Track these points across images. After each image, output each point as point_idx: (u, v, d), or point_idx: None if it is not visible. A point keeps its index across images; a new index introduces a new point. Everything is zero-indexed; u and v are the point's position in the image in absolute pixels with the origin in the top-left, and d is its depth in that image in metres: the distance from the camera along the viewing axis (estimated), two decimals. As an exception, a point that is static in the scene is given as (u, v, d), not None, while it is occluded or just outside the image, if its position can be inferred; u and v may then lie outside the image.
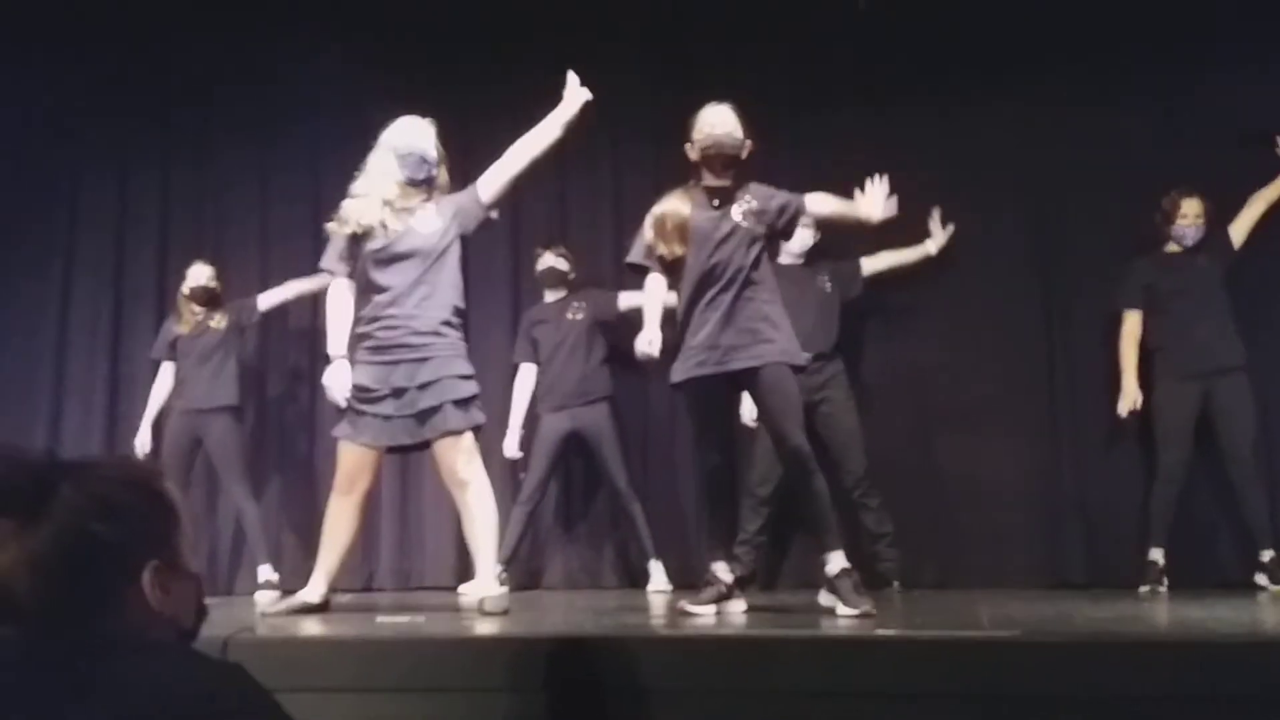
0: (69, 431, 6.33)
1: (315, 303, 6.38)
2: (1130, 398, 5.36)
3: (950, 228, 5.78)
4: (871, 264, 5.77)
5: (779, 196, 4.10)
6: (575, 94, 4.24)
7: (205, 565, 5.96)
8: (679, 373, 4.03)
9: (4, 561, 1.33)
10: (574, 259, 6.01)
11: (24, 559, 1.33)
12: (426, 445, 4.20)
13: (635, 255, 4.19)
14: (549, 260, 5.95)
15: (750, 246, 4.00)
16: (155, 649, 1.36)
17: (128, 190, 6.57)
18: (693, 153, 4.09)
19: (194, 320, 6.00)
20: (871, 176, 4.18)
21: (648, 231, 4.12)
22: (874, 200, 4.09)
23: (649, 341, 4.01)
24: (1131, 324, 5.44)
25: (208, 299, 6.03)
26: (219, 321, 6.01)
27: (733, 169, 4.06)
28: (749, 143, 4.08)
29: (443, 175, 4.30)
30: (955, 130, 5.89)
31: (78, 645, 1.32)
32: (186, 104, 6.49)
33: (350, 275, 4.26)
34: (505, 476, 5.98)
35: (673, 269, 4.08)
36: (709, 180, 4.08)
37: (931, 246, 5.78)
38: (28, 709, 1.27)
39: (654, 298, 4.12)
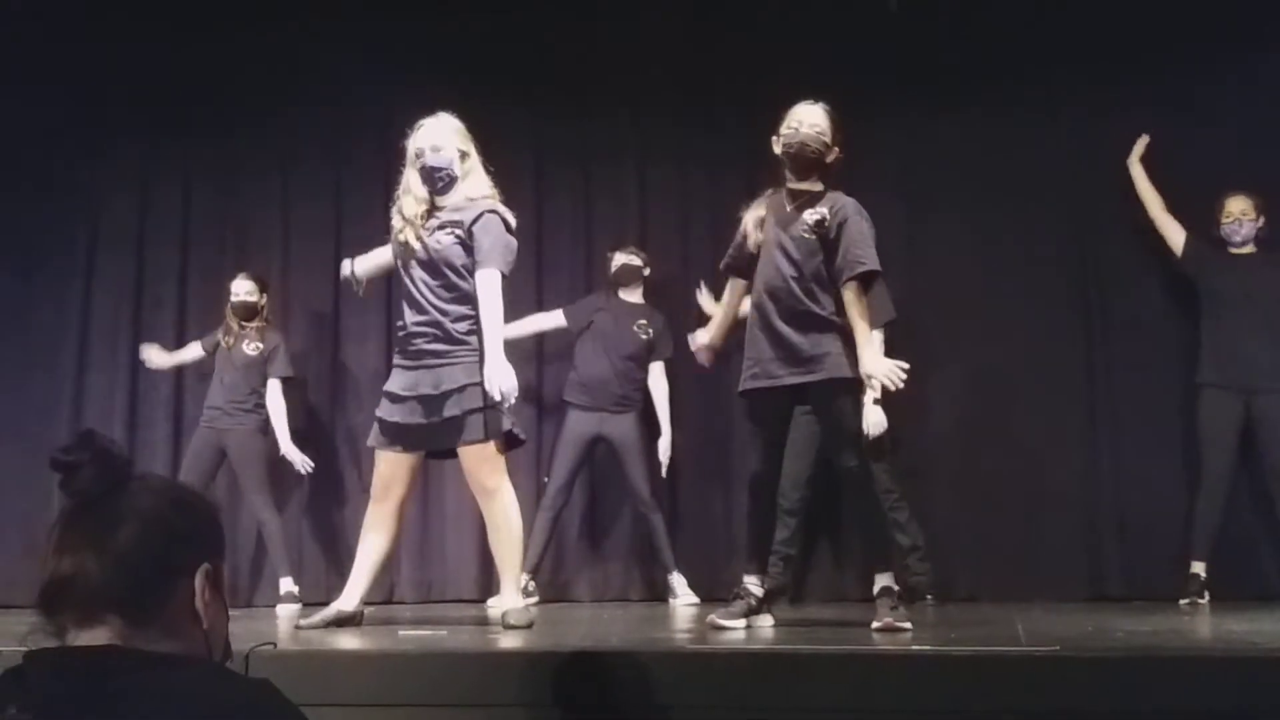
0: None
1: (336, 313, 6.38)
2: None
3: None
4: None
5: (844, 241, 3.85)
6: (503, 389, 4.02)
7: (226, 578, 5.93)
8: (743, 383, 3.99)
9: (74, 544, 1.38)
10: (647, 256, 5.99)
11: (94, 540, 1.38)
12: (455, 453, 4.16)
13: (725, 260, 4.13)
14: (621, 259, 5.90)
15: (818, 254, 3.87)
16: (186, 664, 1.37)
17: (149, 204, 6.56)
18: (776, 146, 3.97)
19: (238, 333, 6.01)
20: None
21: (742, 226, 4.03)
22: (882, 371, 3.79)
23: (702, 347, 4.15)
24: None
25: (247, 312, 6.03)
26: (253, 347, 6.00)
27: (815, 172, 3.94)
28: (837, 150, 3.93)
29: (468, 166, 4.18)
30: (992, 136, 5.84)
31: (111, 659, 1.33)
32: (207, 117, 6.47)
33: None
34: (530, 484, 5.94)
35: (752, 260, 3.99)
36: (790, 181, 3.97)
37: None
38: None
39: (728, 304, 4.16)
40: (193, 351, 6.18)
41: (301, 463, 5.93)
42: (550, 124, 6.35)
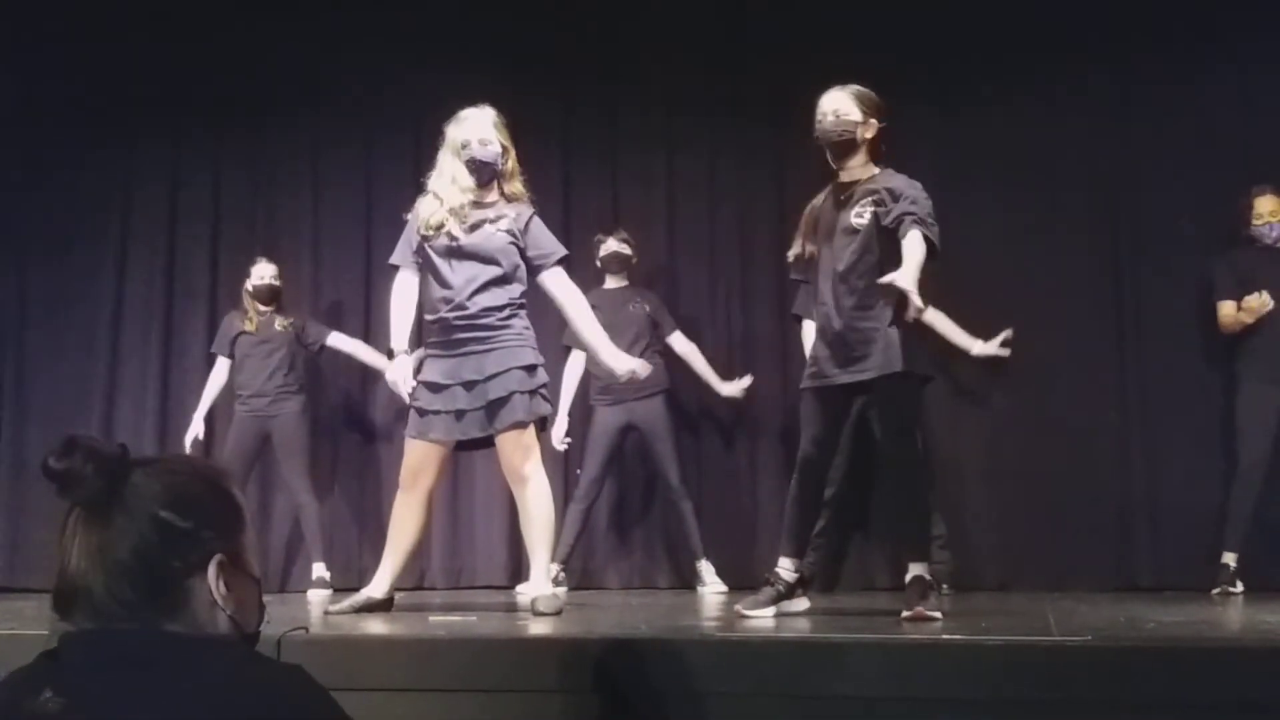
0: (121, 433, 6.35)
1: (368, 301, 6.41)
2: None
3: (1005, 349, 5.55)
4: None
5: (901, 202, 3.77)
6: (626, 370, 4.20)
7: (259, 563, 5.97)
8: (803, 381, 3.96)
9: (78, 551, 1.37)
10: (636, 243, 5.96)
11: (97, 548, 1.36)
12: (492, 441, 4.17)
13: (793, 271, 4.09)
14: (612, 245, 5.89)
15: (871, 246, 3.80)
16: (219, 649, 1.38)
17: (180, 191, 6.61)
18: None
19: (258, 318, 6.02)
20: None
21: (797, 236, 4.01)
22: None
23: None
24: (1226, 309, 5.32)
25: (271, 296, 6.05)
26: (284, 325, 6.02)
27: (851, 156, 3.88)
28: (872, 123, 3.86)
29: (510, 163, 4.22)
30: (1023, 120, 5.80)
31: (147, 643, 1.34)
32: (238, 105, 6.52)
33: (418, 268, 4.26)
34: (559, 473, 5.96)
35: (810, 266, 3.97)
36: (837, 172, 3.93)
37: (975, 348, 5.59)
38: (95, 707, 1.29)
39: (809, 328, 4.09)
40: (217, 378, 6.06)
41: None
42: (579, 113, 6.36)
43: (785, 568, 3.94)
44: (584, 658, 2.83)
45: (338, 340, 6.10)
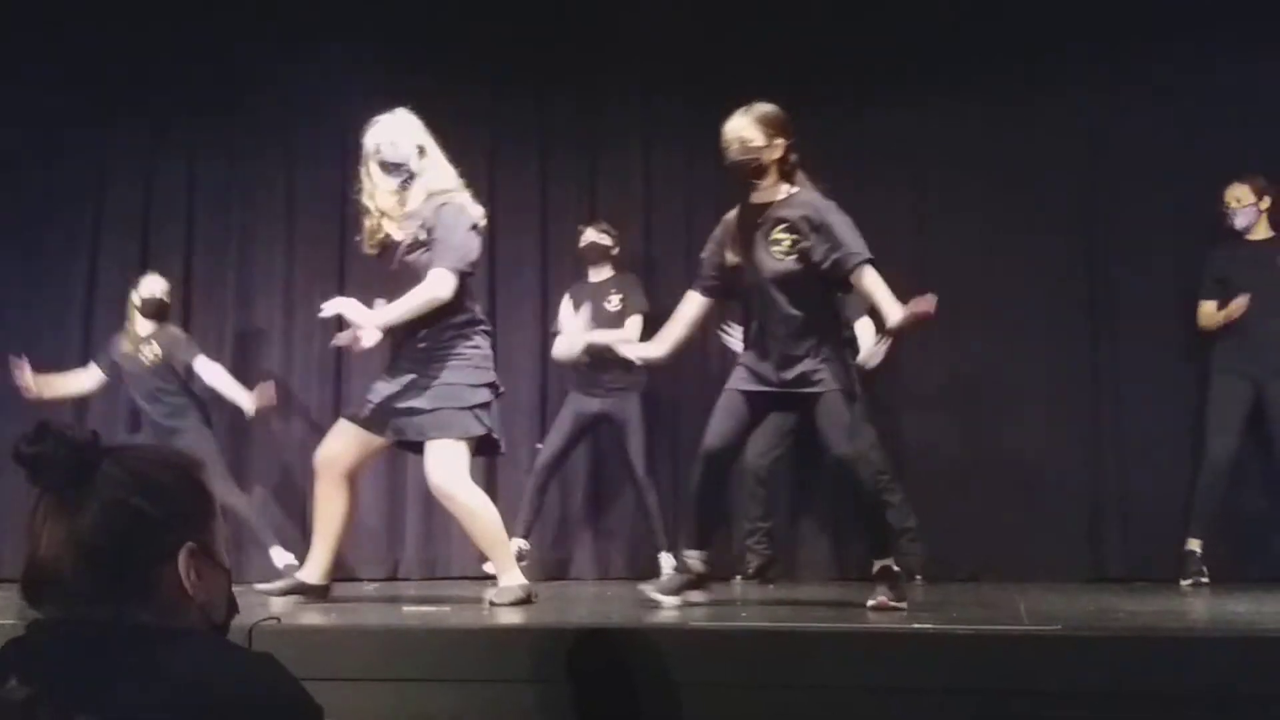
0: (94, 420, 6.25)
1: (341, 292, 6.36)
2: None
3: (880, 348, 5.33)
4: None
5: (830, 241, 3.74)
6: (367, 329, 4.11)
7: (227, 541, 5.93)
8: (732, 381, 3.95)
9: (48, 538, 1.36)
10: (617, 234, 5.93)
11: (68, 534, 1.36)
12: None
13: (705, 282, 4.04)
14: (591, 235, 5.87)
15: (799, 265, 3.77)
16: (188, 637, 1.37)
17: (154, 183, 6.55)
18: None
19: (136, 340, 5.85)
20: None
21: (712, 242, 4.01)
22: (909, 313, 3.66)
23: (637, 354, 4.12)
24: (1206, 309, 5.36)
25: (158, 312, 5.88)
26: (152, 356, 5.82)
27: (764, 178, 3.84)
28: (778, 143, 3.81)
29: (426, 162, 4.12)
30: (997, 121, 5.82)
31: (115, 631, 1.34)
32: (213, 104, 6.45)
33: None
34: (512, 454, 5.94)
35: (734, 276, 3.93)
36: (752, 194, 3.89)
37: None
38: (62, 696, 1.28)
39: (679, 318, 4.06)
40: (91, 378, 5.93)
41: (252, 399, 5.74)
42: (555, 107, 6.34)
43: (694, 558, 3.93)
44: (556, 647, 2.84)
45: (203, 366, 5.83)
